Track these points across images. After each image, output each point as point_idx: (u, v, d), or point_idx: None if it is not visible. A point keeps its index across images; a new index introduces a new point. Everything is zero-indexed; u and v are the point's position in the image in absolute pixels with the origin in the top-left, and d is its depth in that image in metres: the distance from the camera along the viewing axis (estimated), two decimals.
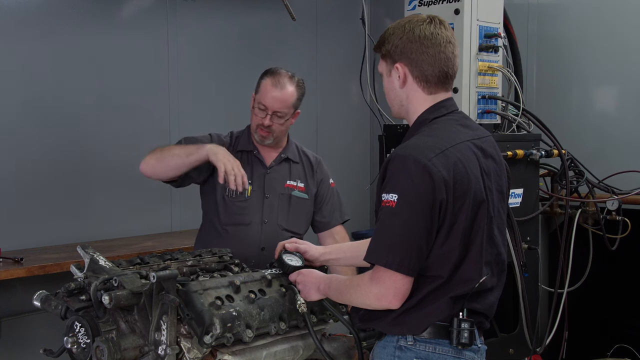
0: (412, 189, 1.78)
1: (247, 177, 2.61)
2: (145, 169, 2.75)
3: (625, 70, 3.95)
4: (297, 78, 2.84)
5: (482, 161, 1.92)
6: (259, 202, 2.81)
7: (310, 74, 4.87)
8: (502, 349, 3.30)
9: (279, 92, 2.76)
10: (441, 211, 1.79)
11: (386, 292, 1.80)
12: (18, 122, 3.62)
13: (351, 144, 5.10)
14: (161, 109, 4.16)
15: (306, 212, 2.90)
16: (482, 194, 1.87)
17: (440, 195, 1.78)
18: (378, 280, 1.81)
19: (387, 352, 1.91)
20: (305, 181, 2.91)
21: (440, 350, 1.87)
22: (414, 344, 1.87)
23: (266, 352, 2.05)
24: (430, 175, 1.77)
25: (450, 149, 1.84)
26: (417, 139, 1.89)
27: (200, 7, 4.28)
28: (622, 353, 3.83)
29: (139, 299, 1.90)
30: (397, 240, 1.78)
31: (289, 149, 2.93)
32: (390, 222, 1.80)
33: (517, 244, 3.09)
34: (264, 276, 2.14)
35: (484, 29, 3.30)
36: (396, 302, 1.81)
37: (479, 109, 3.32)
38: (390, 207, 1.79)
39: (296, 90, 2.81)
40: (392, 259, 1.78)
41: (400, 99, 1.99)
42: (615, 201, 3.57)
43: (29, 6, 3.66)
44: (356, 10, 4.10)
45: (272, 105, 2.75)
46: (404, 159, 1.81)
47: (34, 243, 3.59)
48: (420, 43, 1.91)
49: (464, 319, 1.85)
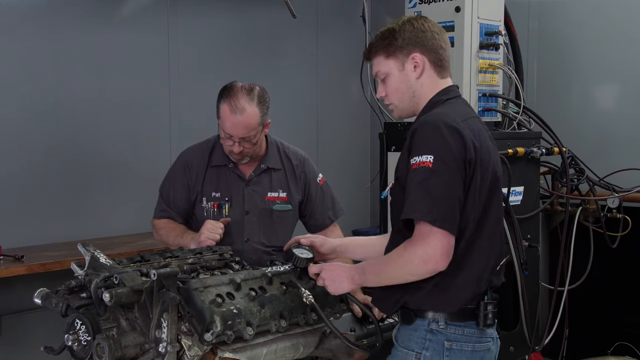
0: (448, 149, 1.85)
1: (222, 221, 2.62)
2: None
3: (626, 67, 3.95)
4: (257, 90, 2.64)
5: (491, 141, 2.04)
6: (239, 220, 2.71)
7: (310, 71, 4.88)
8: (502, 347, 3.29)
9: (239, 117, 2.57)
10: (470, 171, 1.88)
11: (433, 252, 1.82)
12: (18, 120, 3.62)
13: (352, 142, 5.10)
14: (161, 107, 4.16)
15: (290, 224, 2.82)
16: (499, 168, 2.01)
17: (470, 155, 1.87)
18: (422, 240, 1.83)
19: (418, 335, 1.96)
20: (288, 189, 2.79)
21: (467, 332, 1.95)
22: (445, 327, 1.93)
23: (267, 350, 2.05)
24: (462, 135, 1.88)
25: (471, 119, 1.97)
26: (439, 109, 2.00)
27: (200, 4, 4.28)
28: (622, 351, 3.83)
29: (140, 297, 1.90)
30: (440, 197, 1.83)
31: (269, 156, 2.79)
32: (429, 181, 1.84)
33: (517, 241, 3.09)
34: (265, 274, 2.13)
35: (485, 26, 3.30)
36: (443, 262, 1.83)
37: (480, 106, 3.32)
38: (427, 167, 1.84)
39: (258, 108, 2.60)
40: (437, 216, 1.81)
41: (414, 90, 2.06)
42: (616, 199, 3.57)
43: (30, 4, 3.66)
44: (357, 7, 4.10)
45: (236, 134, 2.59)
46: (435, 123, 1.90)
47: (35, 241, 3.59)
48: (431, 32, 2.05)
49: (488, 301, 1.95)
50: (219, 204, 2.73)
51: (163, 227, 2.81)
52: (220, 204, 2.73)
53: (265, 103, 2.65)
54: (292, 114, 4.66)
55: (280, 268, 2.21)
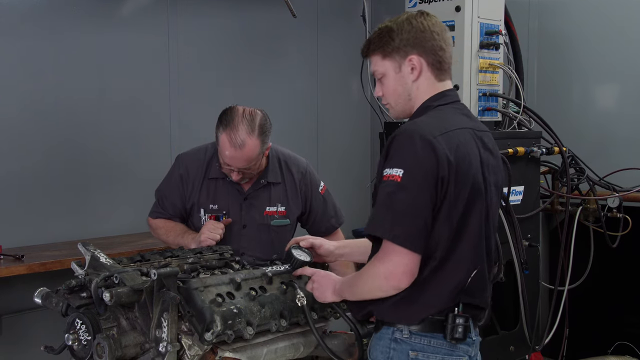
0: (418, 165, 1.79)
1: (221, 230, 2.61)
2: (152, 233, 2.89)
3: (626, 67, 3.94)
4: (258, 119, 2.55)
5: (481, 151, 1.94)
6: (236, 233, 2.69)
7: (310, 71, 4.87)
8: (502, 347, 3.31)
9: (239, 152, 2.52)
10: (442, 189, 1.80)
11: (394, 269, 1.78)
12: (18, 120, 3.62)
13: (352, 142, 5.09)
14: (161, 107, 4.16)
15: (287, 238, 2.74)
16: (481, 183, 1.89)
17: (443, 172, 1.79)
18: (385, 257, 1.80)
19: (382, 343, 1.91)
20: (287, 203, 2.76)
21: (434, 344, 1.87)
22: (409, 336, 1.88)
23: (267, 349, 2.05)
24: (435, 151, 1.79)
25: (454, 131, 1.87)
26: (424, 118, 1.92)
27: (200, 4, 4.27)
28: (622, 350, 3.83)
29: (140, 296, 1.90)
30: (403, 215, 1.77)
31: (269, 171, 2.74)
32: (395, 196, 1.79)
33: (517, 241, 3.09)
34: (265, 273, 2.14)
35: (485, 26, 3.29)
36: (405, 280, 1.79)
37: (480, 106, 3.31)
38: (395, 181, 1.79)
39: (259, 139, 2.54)
40: (398, 233, 1.77)
41: (410, 92, 1.99)
42: (616, 198, 3.57)
43: (30, 4, 3.65)
44: (357, 7, 4.09)
45: (235, 165, 2.56)
46: (410, 135, 1.82)
47: (35, 240, 3.59)
48: (430, 31, 1.96)
49: (458, 314, 1.85)
50: (217, 216, 2.71)
51: (162, 227, 2.80)
52: (217, 216, 2.71)
53: (267, 132, 2.59)
54: (292, 114, 4.66)
55: (280, 268, 2.21)
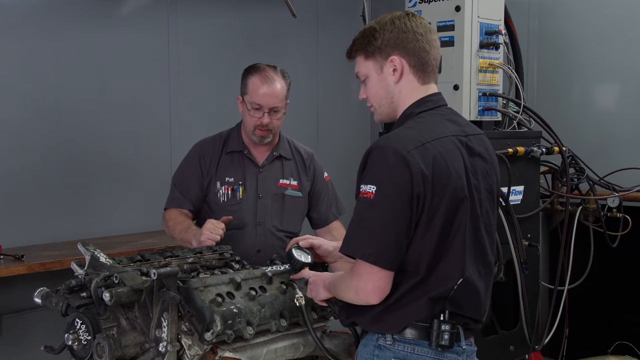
0: (390, 181, 1.75)
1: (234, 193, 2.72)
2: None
3: (626, 67, 3.94)
4: (280, 68, 2.82)
5: (466, 158, 1.88)
6: (252, 204, 2.79)
7: (310, 70, 4.87)
8: (502, 346, 3.31)
9: (270, 88, 2.73)
10: (419, 205, 1.76)
11: (364, 285, 1.78)
12: (18, 120, 3.62)
13: (352, 141, 5.09)
14: (161, 107, 4.16)
15: (300, 211, 2.89)
16: (464, 190, 1.83)
17: (418, 189, 1.75)
18: (357, 273, 1.79)
19: (367, 350, 1.90)
20: (299, 178, 2.88)
21: (419, 351, 1.84)
22: (392, 343, 1.85)
23: (267, 349, 2.05)
24: (409, 167, 1.75)
25: (431, 142, 1.81)
26: (400, 130, 1.88)
27: (200, 4, 4.28)
28: (623, 350, 3.83)
29: (140, 296, 1.90)
30: (375, 232, 1.75)
31: (281, 146, 2.89)
32: (367, 213, 1.77)
33: (517, 241, 3.09)
34: (265, 273, 2.14)
35: (485, 26, 3.29)
36: (375, 296, 1.78)
37: (480, 106, 3.31)
38: (368, 198, 1.77)
39: (284, 81, 2.79)
40: (370, 252, 1.75)
41: (392, 95, 1.95)
42: (616, 198, 3.57)
43: (30, 4, 3.66)
44: (357, 7, 4.09)
45: (267, 103, 2.73)
46: (384, 150, 1.79)
47: (35, 240, 3.59)
48: (413, 32, 1.92)
49: (444, 320, 1.82)
50: (233, 187, 2.79)
51: (172, 219, 2.82)
52: (234, 187, 2.79)
53: (289, 79, 2.82)
54: (292, 113, 4.61)
55: (280, 267, 2.22)
